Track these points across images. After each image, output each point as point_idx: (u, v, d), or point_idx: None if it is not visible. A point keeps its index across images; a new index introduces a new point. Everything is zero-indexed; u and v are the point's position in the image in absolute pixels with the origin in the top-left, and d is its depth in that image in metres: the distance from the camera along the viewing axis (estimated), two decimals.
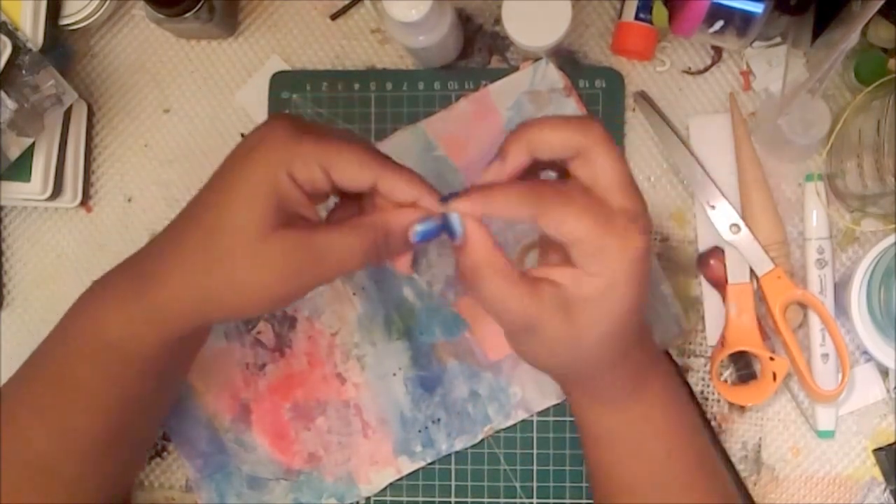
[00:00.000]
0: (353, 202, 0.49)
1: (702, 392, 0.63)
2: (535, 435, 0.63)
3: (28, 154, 0.62)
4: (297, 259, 0.45)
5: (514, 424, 0.63)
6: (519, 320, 0.45)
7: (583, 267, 0.44)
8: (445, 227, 0.46)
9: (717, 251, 0.62)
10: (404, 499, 0.64)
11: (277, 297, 0.46)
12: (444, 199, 0.46)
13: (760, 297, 0.61)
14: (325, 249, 0.46)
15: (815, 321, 0.61)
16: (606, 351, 0.47)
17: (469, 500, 0.64)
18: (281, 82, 0.66)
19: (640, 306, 0.46)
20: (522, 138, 0.45)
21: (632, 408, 0.51)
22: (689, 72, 0.64)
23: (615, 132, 0.64)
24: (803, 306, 0.62)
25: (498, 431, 0.63)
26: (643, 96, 0.63)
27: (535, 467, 0.63)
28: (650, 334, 0.53)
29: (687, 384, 0.63)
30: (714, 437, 0.62)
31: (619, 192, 0.45)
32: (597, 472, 0.54)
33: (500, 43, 0.65)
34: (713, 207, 0.61)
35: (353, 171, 0.46)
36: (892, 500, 0.62)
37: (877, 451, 0.62)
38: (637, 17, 0.62)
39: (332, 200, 0.50)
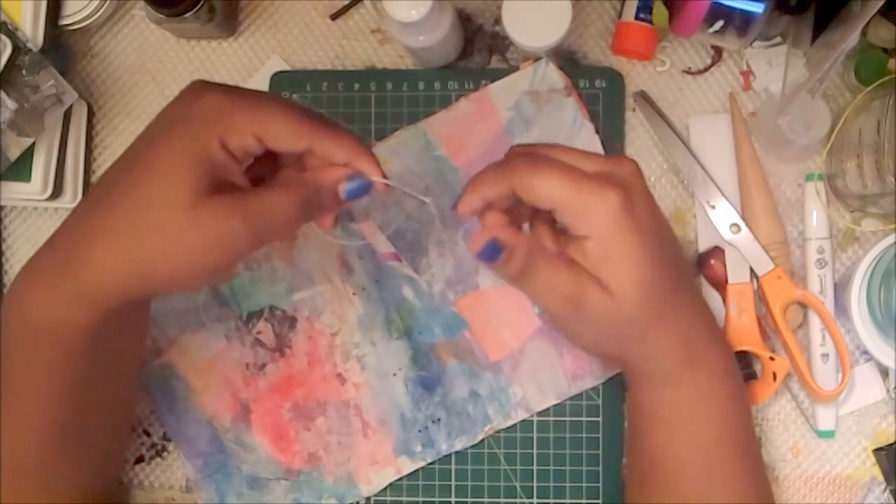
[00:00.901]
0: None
1: None
2: (535, 435, 0.63)
3: (28, 154, 0.62)
4: (230, 224, 0.45)
5: (514, 424, 0.63)
6: (571, 300, 0.48)
7: (574, 232, 0.47)
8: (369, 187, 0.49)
9: (717, 251, 0.62)
10: (404, 499, 0.64)
11: (213, 266, 0.46)
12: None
13: (760, 297, 0.61)
14: (258, 211, 0.46)
15: (815, 321, 0.61)
16: (644, 311, 0.48)
17: (469, 500, 0.64)
18: (281, 82, 0.66)
19: (654, 260, 0.47)
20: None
21: (684, 382, 0.51)
22: (689, 72, 0.64)
23: (615, 132, 0.64)
24: (803, 306, 0.62)
25: (498, 431, 0.63)
26: (643, 96, 0.63)
27: (535, 467, 0.63)
28: (700, 307, 0.53)
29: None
30: None
31: (588, 159, 0.48)
32: (645, 455, 0.54)
33: (500, 43, 0.65)
34: (713, 207, 0.61)
35: (286, 138, 0.46)
36: (892, 500, 0.62)
37: (877, 451, 0.62)
38: (637, 17, 0.62)
39: None
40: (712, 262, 0.62)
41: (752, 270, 0.61)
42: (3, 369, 0.50)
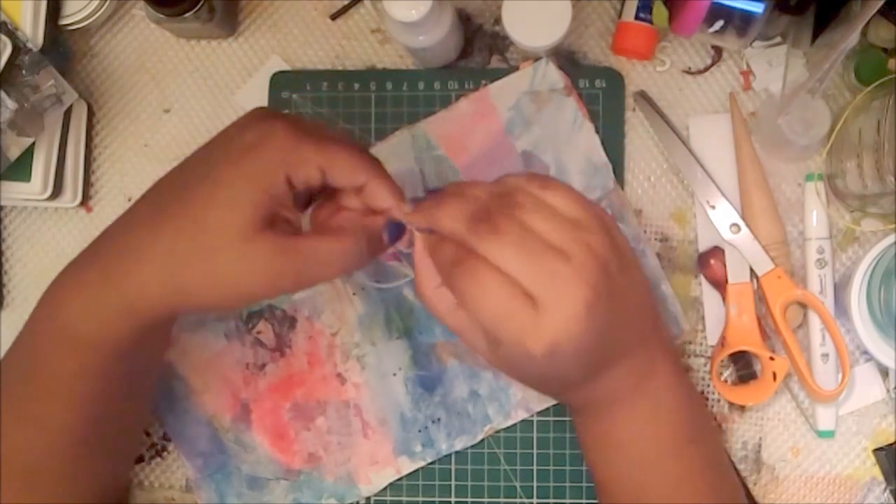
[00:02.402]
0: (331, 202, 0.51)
1: (702, 392, 0.63)
2: (535, 435, 0.63)
3: (28, 154, 0.62)
4: (280, 262, 0.46)
5: (514, 424, 0.63)
6: (447, 324, 0.50)
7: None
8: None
9: (717, 251, 0.62)
10: (404, 499, 0.64)
11: (254, 297, 0.47)
12: (413, 201, 0.49)
13: (760, 297, 0.61)
14: (308, 256, 0.47)
15: (815, 321, 0.61)
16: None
17: (469, 500, 0.64)
18: (281, 82, 0.66)
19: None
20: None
21: (635, 402, 0.51)
22: (689, 72, 0.64)
23: (615, 132, 0.64)
24: (803, 306, 0.62)
25: (498, 431, 0.63)
26: (643, 96, 0.63)
27: (535, 467, 0.63)
28: (651, 323, 0.52)
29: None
30: None
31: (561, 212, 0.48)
32: (604, 482, 0.54)
33: (500, 43, 0.65)
34: (713, 207, 0.61)
35: (348, 174, 0.47)
36: (892, 500, 0.62)
37: (877, 451, 0.62)
38: (637, 17, 0.62)
39: None
40: (712, 262, 0.62)
41: (752, 270, 0.61)
42: (33, 371, 0.50)
